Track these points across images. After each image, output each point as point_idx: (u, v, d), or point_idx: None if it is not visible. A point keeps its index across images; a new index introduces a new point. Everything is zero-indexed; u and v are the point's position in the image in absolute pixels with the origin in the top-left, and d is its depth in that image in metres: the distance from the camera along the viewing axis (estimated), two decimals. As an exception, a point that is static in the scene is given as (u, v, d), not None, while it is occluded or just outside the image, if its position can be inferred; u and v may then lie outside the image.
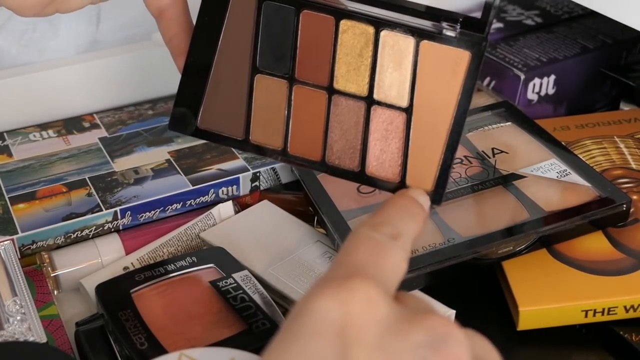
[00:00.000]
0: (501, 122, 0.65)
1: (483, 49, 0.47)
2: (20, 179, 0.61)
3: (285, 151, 0.51)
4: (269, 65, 0.50)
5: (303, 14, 0.50)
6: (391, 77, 0.49)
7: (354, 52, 0.49)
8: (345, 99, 0.50)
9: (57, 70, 0.69)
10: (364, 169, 0.50)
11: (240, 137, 0.52)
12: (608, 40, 0.77)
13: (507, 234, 0.54)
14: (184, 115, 0.52)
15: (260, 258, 0.56)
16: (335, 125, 0.50)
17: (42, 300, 0.54)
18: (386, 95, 0.49)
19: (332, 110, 0.50)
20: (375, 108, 0.50)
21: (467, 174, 0.59)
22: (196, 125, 0.52)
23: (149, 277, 0.52)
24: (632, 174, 0.62)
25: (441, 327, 0.33)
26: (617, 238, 0.56)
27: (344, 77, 0.50)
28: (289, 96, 0.51)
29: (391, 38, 0.49)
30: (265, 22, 0.50)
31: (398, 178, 0.50)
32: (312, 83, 0.50)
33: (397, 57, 0.49)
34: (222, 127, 0.52)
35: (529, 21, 0.80)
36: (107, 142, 0.66)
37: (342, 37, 0.49)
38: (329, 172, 0.51)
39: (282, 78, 0.50)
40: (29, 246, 0.57)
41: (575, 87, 0.76)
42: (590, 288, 0.52)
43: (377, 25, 0.49)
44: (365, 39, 0.49)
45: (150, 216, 0.60)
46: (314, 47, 0.50)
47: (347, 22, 0.49)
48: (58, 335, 0.52)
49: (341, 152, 0.50)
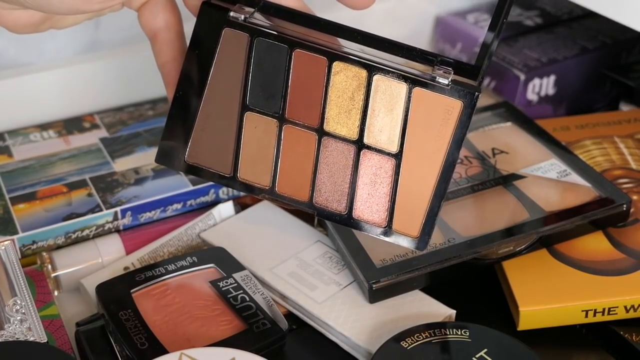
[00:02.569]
0: (501, 122, 0.65)
1: (475, 99, 0.47)
2: (20, 179, 0.61)
3: (273, 190, 0.51)
4: (259, 103, 0.50)
5: (296, 52, 0.49)
6: (382, 122, 0.49)
7: (346, 94, 0.49)
8: (335, 141, 0.50)
9: (57, 71, 0.69)
10: (351, 213, 0.50)
11: (228, 174, 0.51)
12: (608, 40, 0.77)
13: (507, 234, 0.54)
14: (171, 148, 0.51)
15: (261, 258, 0.56)
16: (324, 167, 0.50)
17: (42, 300, 0.54)
18: (376, 140, 0.49)
19: (321, 152, 0.50)
20: (364, 152, 0.49)
21: (467, 174, 0.59)
22: (184, 160, 0.51)
23: (149, 277, 0.52)
24: (632, 174, 0.62)
25: None
26: (617, 238, 0.56)
27: (335, 120, 0.49)
28: (278, 135, 0.50)
29: (384, 83, 0.48)
30: (257, 59, 0.49)
31: (385, 223, 0.50)
32: (303, 123, 0.50)
33: (389, 102, 0.48)
34: (210, 162, 0.51)
35: (529, 22, 0.80)
36: (107, 142, 0.66)
37: (334, 79, 0.49)
38: (316, 213, 0.51)
39: (272, 117, 0.50)
40: (30, 246, 0.57)
41: (575, 87, 0.76)
42: (590, 288, 0.52)
43: (370, 69, 0.48)
44: (357, 82, 0.48)
45: (151, 216, 0.60)
46: (306, 87, 0.49)
47: (339, 64, 0.48)
48: (58, 335, 0.52)
49: (329, 194, 0.50)
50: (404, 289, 0.52)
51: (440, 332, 0.48)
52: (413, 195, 0.49)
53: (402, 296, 0.53)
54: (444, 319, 0.52)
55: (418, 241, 0.49)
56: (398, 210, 0.49)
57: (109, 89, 0.71)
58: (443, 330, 0.48)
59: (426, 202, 0.49)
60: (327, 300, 0.53)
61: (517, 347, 0.48)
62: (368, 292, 0.51)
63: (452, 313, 0.52)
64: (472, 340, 0.48)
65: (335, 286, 0.54)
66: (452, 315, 0.52)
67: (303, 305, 0.52)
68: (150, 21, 0.51)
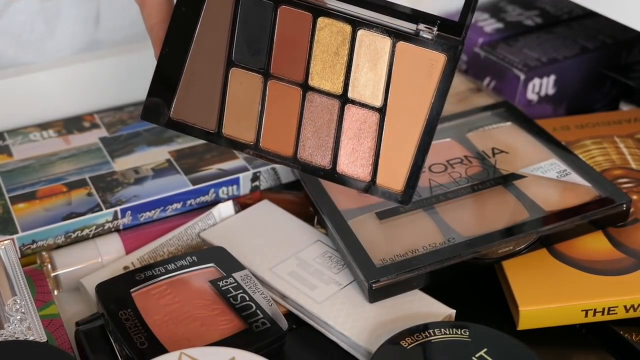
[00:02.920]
0: (501, 122, 0.65)
1: (459, 52, 0.48)
2: (20, 179, 0.61)
3: (258, 146, 0.51)
4: (245, 59, 0.50)
5: (281, 9, 0.49)
6: (366, 77, 0.49)
7: (331, 50, 0.49)
8: (320, 96, 0.50)
9: (57, 70, 0.69)
10: (335, 167, 0.50)
11: (213, 130, 0.52)
12: (608, 40, 0.77)
13: (507, 233, 0.54)
14: (157, 105, 0.51)
15: (261, 258, 0.56)
16: (308, 122, 0.50)
17: (42, 299, 0.54)
18: (360, 94, 0.49)
19: (306, 106, 0.50)
20: (349, 107, 0.50)
21: (467, 174, 0.59)
22: (169, 116, 0.51)
23: (149, 276, 0.52)
24: (632, 174, 0.62)
25: None
26: (617, 238, 0.56)
27: (319, 75, 0.50)
28: (263, 91, 0.51)
29: (368, 37, 0.49)
30: (243, 16, 0.50)
31: (369, 177, 0.50)
32: (287, 79, 0.50)
33: (373, 56, 0.49)
34: (195, 119, 0.52)
35: (529, 21, 0.80)
36: (107, 141, 0.66)
37: (319, 35, 0.49)
38: (300, 168, 0.51)
39: (257, 72, 0.50)
40: (29, 246, 0.57)
41: (575, 87, 0.76)
42: (590, 288, 0.52)
43: (355, 24, 0.49)
44: (342, 37, 0.49)
45: (151, 216, 0.60)
46: (291, 43, 0.50)
47: (324, 20, 0.49)
48: (58, 335, 0.52)
49: (313, 149, 0.51)
50: (404, 288, 0.52)
51: (440, 332, 0.48)
52: (397, 149, 0.49)
53: (402, 296, 0.53)
54: (444, 319, 0.52)
55: (402, 195, 0.50)
56: (382, 165, 0.50)
57: (109, 89, 0.71)
58: (443, 330, 0.48)
59: (410, 156, 0.49)
60: (327, 300, 0.53)
61: (517, 347, 0.48)
62: (368, 292, 0.51)
63: (452, 313, 0.52)
64: (472, 340, 0.48)
65: (335, 286, 0.54)
66: (452, 315, 0.52)
67: (303, 305, 0.52)
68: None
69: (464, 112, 0.67)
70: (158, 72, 0.51)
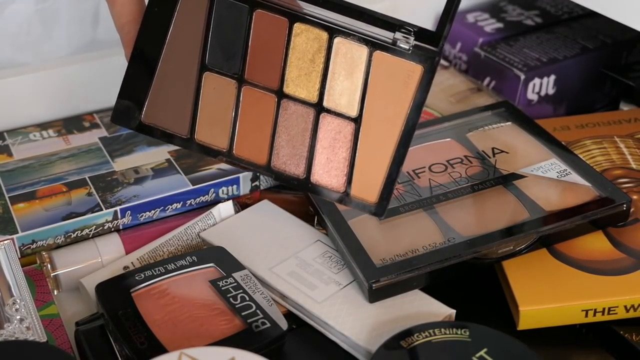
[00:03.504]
0: (501, 122, 0.65)
1: (436, 63, 0.47)
2: (20, 179, 0.61)
3: (231, 153, 0.50)
4: (218, 64, 0.49)
5: (256, 13, 0.48)
6: (342, 86, 0.48)
7: (306, 56, 0.48)
8: (295, 104, 0.49)
9: (57, 70, 0.69)
10: (309, 177, 0.50)
11: (185, 135, 0.51)
12: (608, 40, 0.77)
13: (507, 233, 0.54)
14: (128, 108, 0.50)
15: (261, 258, 0.56)
16: (282, 130, 0.50)
17: (42, 299, 0.54)
18: (336, 103, 0.49)
19: (280, 114, 0.49)
20: (324, 116, 0.49)
21: (467, 174, 0.59)
22: (140, 120, 0.50)
23: (149, 276, 0.52)
24: (632, 174, 0.62)
25: None
26: (617, 238, 0.56)
27: (295, 82, 0.49)
28: (237, 97, 0.50)
29: (344, 46, 0.48)
30: (217, 19, 0.49)
31: (343, 188, 0.49)
32: (262, 85, 0.49)
33: (349, 65, 0.48)
34: (167, 123, 0.50)
35: (529, 21, 0.80)
36: (107, 141, 0.66)
37: (295, 41, 0.48)
38: (273, 177, 0.50)
39: (231, 78, 0.49)
40: (29, 246, 0.57)
41: (575, 87, 0.76)
42: (590, 288, 0.52)
43: (331, 32, 0.48)
44: (318, 44, 0.48)
45: (151, 216, 0.60)
46: (266, 48, 0.49)
47: (300, 26, 0.48)
48: (58, 335, 0.52)
49: (287, 158, 0.50)
50: (404, 288, 0.52)
51: (440, 331, 0.48)
52: (372, 160, 0.48)
53: (401, 296, 0.52)
54: (444, 319, 0.52)
55: (376, 207, 0.49)
56: (356, 176, 0.49)
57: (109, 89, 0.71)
58: (443, 330, 0.48)
59: (385, 168, 0.48)
60: (327, 300, 0.53)
61: (517, 346, 0.47)
62: (368, 292, 0.51)
63: (452, 313, 0.52)
64: (472, 340, 0.48)
65: (335, 286, 0.54)
66: (452, 315, 0.52)
67: (303, 305, 0.52)
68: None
69: (464, 112, 0.67)
70: (129, 74, 0.50)
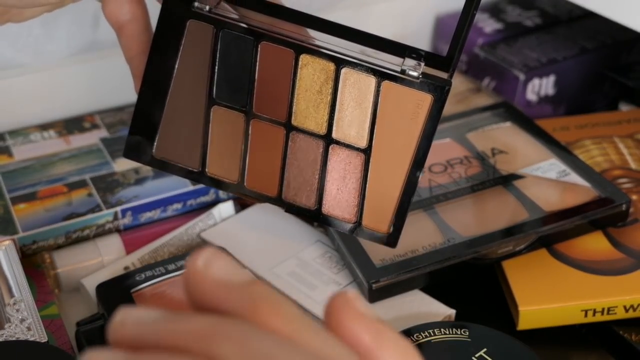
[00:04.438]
0: (501, 122, 0.65)
1: (446, 93, 0.46)
2: (21, 179, 0.61)
3: (242, 185, 0.50)
4: (226, 97, 0.49)
5: (262, 45, 0.47)
6: (351, 116, 0.48)
7: (314, 88, 0.48)
8: (304, 136, 0.48)
9: (58, 71, 0.69)
10: (321, 208, 0.49)
11: (196, 169, 0.50)
12: (608, 40, 0.77)
13: (507, 234, 0.54)
14: (139, 143, 0.50)
15: (261, 258, 0.56)
16: (292, 162, 0.49)
17: (42, 300, 0.54)
18: (345, 134, 0.48)
19: (289, 146, 0.49)
20: (333, 147, 0.48)
21: (467, 174, 0.59)
22: (152, 155, 0.50)
23: (149, 276, 0.52)
24: (632, 174, 0.62)
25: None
26: (617, 238, 0.56)
27: (303, 114, 0.48)
28: (246, 130, 0.49)
29: (352, 76, 0.47)
30: (223, 52, 0.48)
31: (354, 218, 0.49)
32: (270, 118, 0.48)
33: (357, 96, 0.47)
34: (179, 157, 0.50)
35: (529, 22, 0.80)
36: (107, 142, 0.66)
37: (301, 72, 0.47)
38: (285, 208, 0.50)
39: (239, 111, 0.49)
40: (30, 246, 0.57)
41: (575, 87, 0.76)
42: (590, 288, 0.52)
43: (338, 62, 0.47)
44: (325, 75, 0.47)
45: (151, 216, 0.60)
46: (273, 80, 0.48)
47: (307, 57, 0.47)
48: (58, 335, 0.52)
49: (298, 190, 0.49)
50: (404, 288, 0.52)
51: (440, 331, 0.48)
52: (383, 190, 0.48)
53: (401, 296, 0.53)
54: (443, 319, 0.52)
55: (388, 237, 0.49)
56: (368, 206, 0.48)
57: (109, 89, 0.71)
58: (443, 330, 0.48)
59: (396, 198, 0.48)
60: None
61: (517, 347, 0.48)
62: (368, 292, 0.51)
63: (452, 313, 0.52)
64: (472, 340, 0.48)
65: (334, 286, 0.54)
66: (452, 315, 0.52)
67: (303, 305, 0.52)
68: (116, 13, 0.49)
69: (464, 112, 0.67)
70: (138, 110, 0.49)
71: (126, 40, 0.50)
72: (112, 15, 0.49)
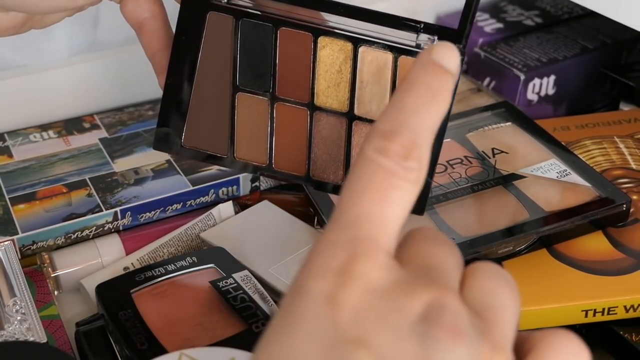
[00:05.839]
0: (501, 122, 0.65)
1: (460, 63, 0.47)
2: (20, 180, 0.61)
3: (270, 167, 0.51)
4: (249, 83, 0.50)
5: (281, 31, 0.49)
6: (371, 93, 0.49)
7: (333, 68, 0.49)
8: (327, 115, 0.50)
9: (57, 71, 0.69)
10: None
11: (226, 155, 0.52)
12: (608, 40, 0.77)
13: (507, 234, 0.54)
14: (167, 134, 0.52)
15: (261, 258, 0.56)
16: (318, 140, 0.51)
17: (42, 300, 0.54)
18: (367, 110, 0.50)
19: (314, 126, 0.50)
20: (356, 123, 0.50)
21: (467, 174, 0.59)
22: (181, 145, 0.52)
23: (149, 277, 0.52)
24: (632, 174, 0.62)
25: (436, 298, 0.31)
26: (617, 238, 0.56)
27: (325, 94, 0.50)
28: (271, 113, 0.51)
29: (370, 54, 0.49)
30: (243, 40, 0.50)
31: None
32: (293, 100, 0.50)
33: (376, 72, 0.49)
34: (207, 145, 0.52)
35: (529, 21, 0.80)
36: (107, 142, 0.66)
37: (320, 54, 0.49)
38: (314, 186, 0.51)
39: (263, 96, 0.50)
40: (29, 246, 0.57)
41: (575, 87, 0.76)
42: (590, 288, 0.52)
43: (355, 42, 0.49)
44: (344, 55, 0.49)
45: (151, 216, 0.60)
46: (294, 64, 0.50)
47: (325, 39, 0.49)
48: (58, 336, 0.52)
49: (325, 167, 0.51)
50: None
51: (440, 332, 0.48)
52: None
53: (402, 296, 0.52)
54: (443, 319, 0.52)
55: (414, 206, 0.49)
56: None
57: (109, 89, 0.71)
58: (443, 330, 0.48)
59: None
60: (327, 301, 0.52)
61: (517, 347, 0.47)
62: (368, 292, 0.51)
63: (452, 313, 0.52)
64: (472, 340, 0.48)
65: (335, 286, 0.54)
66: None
67: (303, 306, 0.52)
68: (134, 12, 0.50)
69: (464, 112, 0.67)
70: (165, 102, 0.51)
71: (146, 38, 0.51)
72: (131, 14, 0.50)
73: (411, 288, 0.31)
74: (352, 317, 0.30)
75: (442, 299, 0.31)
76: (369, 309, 0.30)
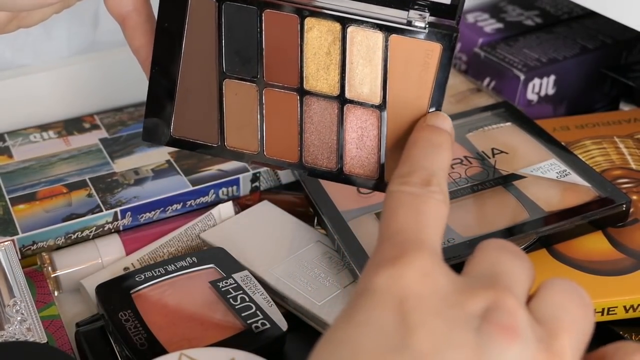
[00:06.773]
0: (501, 122, 0.65)
1: (454, 40, 0.46)
2: (20, 180, 0.61)
3: (262, 155, 0.50)
4: (236, 69, 0.49)
5: (265, 13, 0.48)
6: (362, 74, 0.48)
7: (322, 50, 0.48)
8: (317, 99, 0.49)
9: (57, 71, 0.69)
10: (342, 168, 0.50)
11: (216, 144, 0.50)
12: (608, 40, 0.77)
13: (507, 234, 0.54)
14: (156, 125, 0.50)
15: (260, 258, 0.56)
16: (309, 126, 0.50)
17: (42, 300, 0.54)
18: (358, 93, 0.48)
19: (304, 111, 0.49)
20: (348, 107, 0.49)
21: (467, 174, 0.59)
22: (170, 135, 0.50)
23: (149, 277, 0.52)
24: (632, 174, 0.62)
25: (495, 299, 0.33)
26: (617, 238, 0.56)
27: (314, 77, 0.49)
28: (259, 99, 0.49)
29: (359, 34, 0.47)
30: (228, 25, 0.48)
31: (376, 174, 0.49)
32: (282, 85, 0.49)
33: (366, 53, 0.48)
34: (197, 134, 0.50)
35: (529, 21, 0.80)
36: (107, 142, 0.66)
37: (307, 36, 0.48)
38: (307, 173, 0.50)
39: (251, 82, 0.49)
40: (30, 247, 0.57)
41: (575, 87, 0.76)
42: (590, 288, 0.52)
43: (343, 22, 0.47)
44: (332, 36, 0.48)
45: (151, 217, 0.60)
46: (280, 47, 0.48)
47: (311, 20, 0.47)
48: (58, 336, 0.52)
49: (317, 153, 0.50)
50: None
51: (440, 332, 0.48)
52: (401, 145, 0.47)
53: (401, 296, 0.52)
54: (443, 319, 0.52)
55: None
56: (388, 161, 0.49)
57: (109, 90, 0.71)
58: (443, 331, 0.48)
59: None
60: (327, 301, 0.53)
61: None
62: (368, 292, 0.51)
63: (452, 313, 0.52)
64: (472, 340, 0.48)
65: (335, 286, 0.54)
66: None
67: (303, 306, 0.52)
68: (118, 5, 0.50)
69: (464, 112, 0.67)
70: (151, 93, 0.50)
71: (130, 32, 0.50)
72: (114, 8, 0.50)
73: (469, 289, 0.33)
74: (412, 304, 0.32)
75: (501, 299, 0.33)
76: (427, 298, 0.33)
